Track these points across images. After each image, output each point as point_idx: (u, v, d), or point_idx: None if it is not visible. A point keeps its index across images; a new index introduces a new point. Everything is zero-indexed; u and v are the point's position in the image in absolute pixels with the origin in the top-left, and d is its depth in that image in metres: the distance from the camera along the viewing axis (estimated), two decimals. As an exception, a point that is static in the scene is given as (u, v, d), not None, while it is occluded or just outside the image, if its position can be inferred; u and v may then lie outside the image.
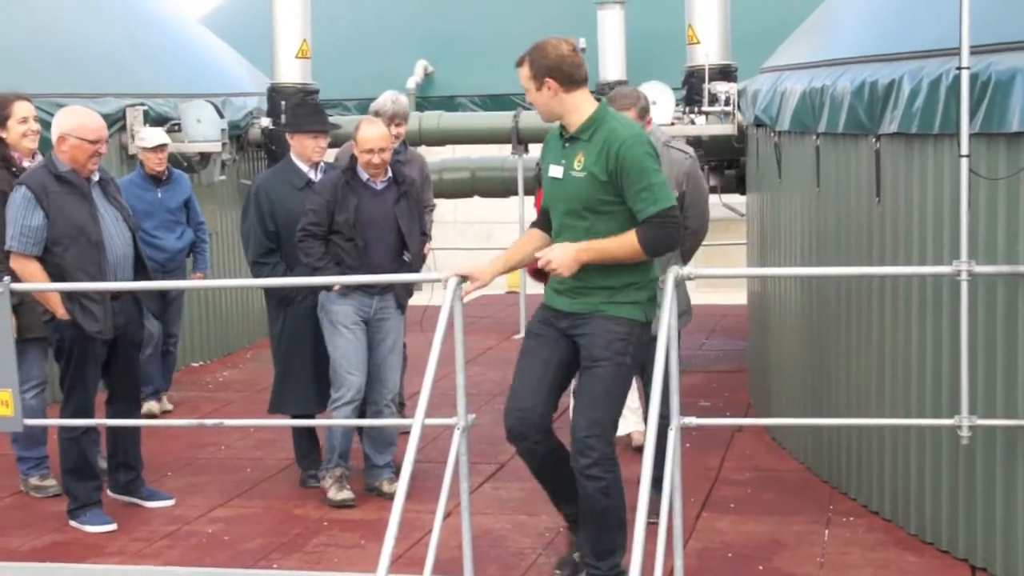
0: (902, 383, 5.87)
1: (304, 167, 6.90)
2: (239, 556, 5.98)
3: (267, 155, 10.84)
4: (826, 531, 6.06)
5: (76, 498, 6.40)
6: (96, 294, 6.15)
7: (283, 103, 10.42)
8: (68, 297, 6.13)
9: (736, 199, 10.42)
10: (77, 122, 6.22)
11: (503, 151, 11.53)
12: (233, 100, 10.76)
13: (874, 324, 6.11)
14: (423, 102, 14.00)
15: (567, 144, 5.00)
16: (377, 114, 7.30)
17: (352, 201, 6.52)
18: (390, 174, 6.67)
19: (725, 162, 10.01)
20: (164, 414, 8.58)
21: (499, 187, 11.82)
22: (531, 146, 10.87)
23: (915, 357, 5.76)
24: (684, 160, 6.25)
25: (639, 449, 6.46)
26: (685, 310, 6.06)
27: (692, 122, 9.42)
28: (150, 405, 8.40)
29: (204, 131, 9.77)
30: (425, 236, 7.10)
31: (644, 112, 6.00)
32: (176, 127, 9.74)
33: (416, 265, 6.78)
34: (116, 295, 6.24)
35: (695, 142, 9.59)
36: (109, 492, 6.64)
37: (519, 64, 5.05)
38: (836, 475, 6.63)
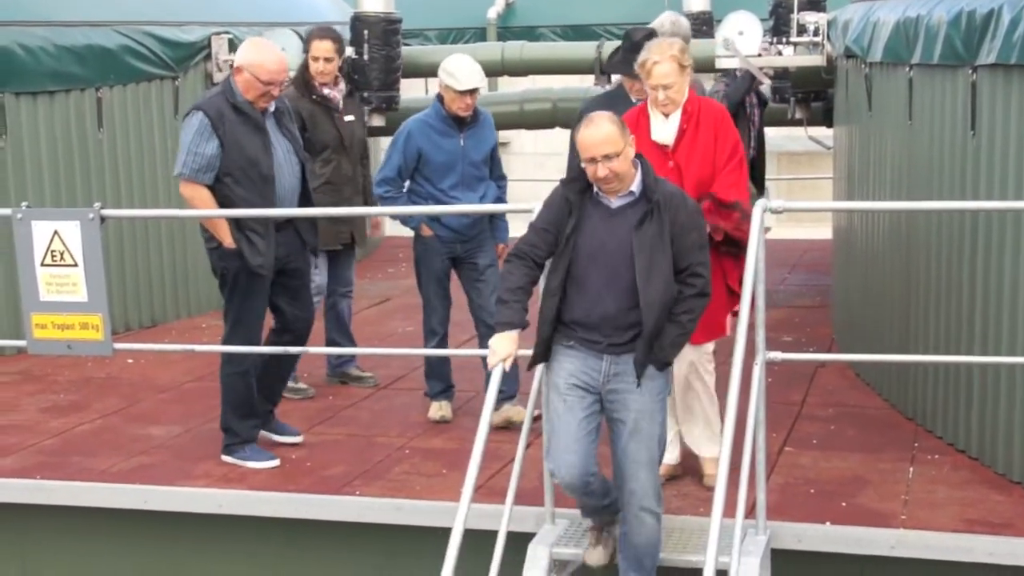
0: (993, 320, 5.77)
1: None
2: (322, 482, 6.05)
3: (350, 84, 10.83)
4: (911, 469, 5.99)
5: (237, 434, 6.29)
6: (260, 227, 5.99)
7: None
8: (236, 227, 5.98)
9: (822, 132, 10.27)
10: (256, 59, 6.00)
11: (585, 82, 11.41)
12: (316, 29, 10.73)
13: (965, 260, 5.99)
14: (504, 32, 13.91)
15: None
16: (653, 35, 5.99)
17: (569, 223, 4.75)
18: (636, 186, 4.77)
19: (812, 94, 9.84)
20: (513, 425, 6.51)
21: (581, 118, 11.71)
22: (613, 77, 10.72)
23: (1007, 293, 5.65)
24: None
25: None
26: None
27: (780, 53, 9.24)
28: (508, 412, 6.58)
29: (288, 60, 9.76)
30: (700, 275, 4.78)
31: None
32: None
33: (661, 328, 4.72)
34: (280, 227, 6.10)
35: (782, 73, 9.46)
36: None
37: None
38: (922, 412, 6.55)
